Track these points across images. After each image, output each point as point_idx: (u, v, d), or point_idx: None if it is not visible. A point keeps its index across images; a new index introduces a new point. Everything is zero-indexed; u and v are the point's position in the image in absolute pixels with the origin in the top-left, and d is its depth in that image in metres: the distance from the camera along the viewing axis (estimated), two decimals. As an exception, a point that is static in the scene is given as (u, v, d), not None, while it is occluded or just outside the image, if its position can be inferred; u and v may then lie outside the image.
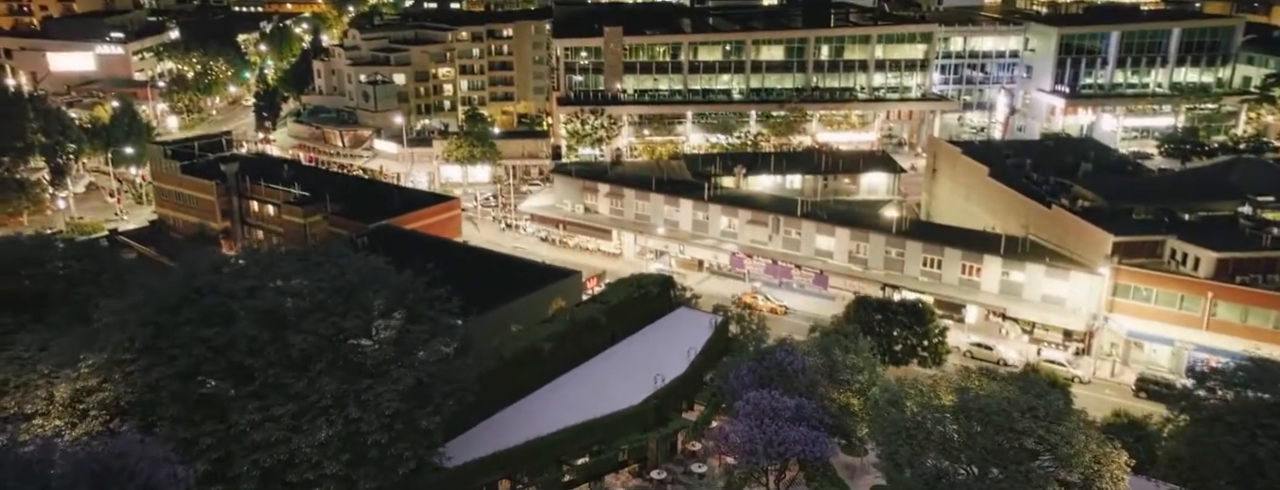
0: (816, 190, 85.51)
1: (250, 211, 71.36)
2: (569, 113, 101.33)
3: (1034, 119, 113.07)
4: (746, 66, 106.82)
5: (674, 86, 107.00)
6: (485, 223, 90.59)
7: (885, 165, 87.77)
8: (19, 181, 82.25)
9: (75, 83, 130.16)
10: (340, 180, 73.03)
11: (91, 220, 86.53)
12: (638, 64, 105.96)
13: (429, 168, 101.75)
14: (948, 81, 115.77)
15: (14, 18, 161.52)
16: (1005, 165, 76.95)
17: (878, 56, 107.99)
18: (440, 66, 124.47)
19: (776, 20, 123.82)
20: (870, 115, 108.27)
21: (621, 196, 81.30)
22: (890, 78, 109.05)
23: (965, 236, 69.68)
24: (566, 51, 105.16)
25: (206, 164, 72.95)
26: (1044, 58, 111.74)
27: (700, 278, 77.09)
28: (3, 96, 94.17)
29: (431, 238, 61.12)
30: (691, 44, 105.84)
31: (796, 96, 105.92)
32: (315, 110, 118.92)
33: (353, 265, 39.45)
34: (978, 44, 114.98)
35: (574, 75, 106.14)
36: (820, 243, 72.72)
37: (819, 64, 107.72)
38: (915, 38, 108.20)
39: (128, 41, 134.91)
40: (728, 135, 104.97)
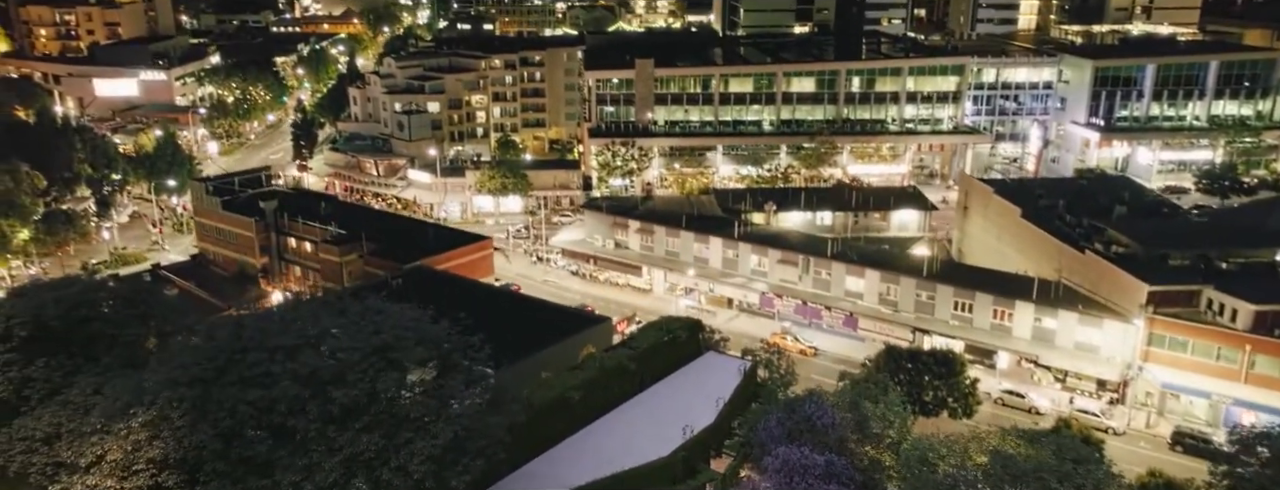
0: (847, 227, 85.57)
1: (288, 248, 72.77)
2: (600, 145, 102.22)
3: (1068, 151, 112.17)
4: (777, 98, 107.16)
5: (704, 118, 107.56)
6: (516, 255, 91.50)
7: (916, 202, 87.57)
8: (67, 213, 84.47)
9: (120, 108, 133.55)
10: (376, 218, 74.25)
11: (134, 250, 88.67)
12: (668, 95, 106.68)
13: (462, 198, 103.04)
14: (980, 112, 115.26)
15: (62, 42, 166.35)
16: (1038, 206, 76.46)
17: (909, 89, 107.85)
18: (473, 94, 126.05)
19: (807, 49, 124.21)
20: (901, 147, 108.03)
21: (652, 233, 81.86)
22: (922, 110, 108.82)
23: (996, 280, 69.31)
24: (598, 83, 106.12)
25: (246, 200, 74.55)
26: (1078, 89, 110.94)
27: (730, 315, 77.35)
28: (51, 127, 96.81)
29: (464, 280, 61.97)
30: (722, 76, 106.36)
31: (827, 129, 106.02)
32: (351, 137, 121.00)
33: (389, 321, 40.40)
34: (1011, 75, 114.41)
35: (605, 106, 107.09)
36: (850, 284, 72.68)
37: (850, 96, 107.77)
38: (947, 70, 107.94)
39: (171, 67, 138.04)
40: (758, 167, 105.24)
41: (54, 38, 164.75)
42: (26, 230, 79.90)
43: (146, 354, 46.42)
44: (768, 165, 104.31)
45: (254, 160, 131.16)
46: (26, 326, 43.59)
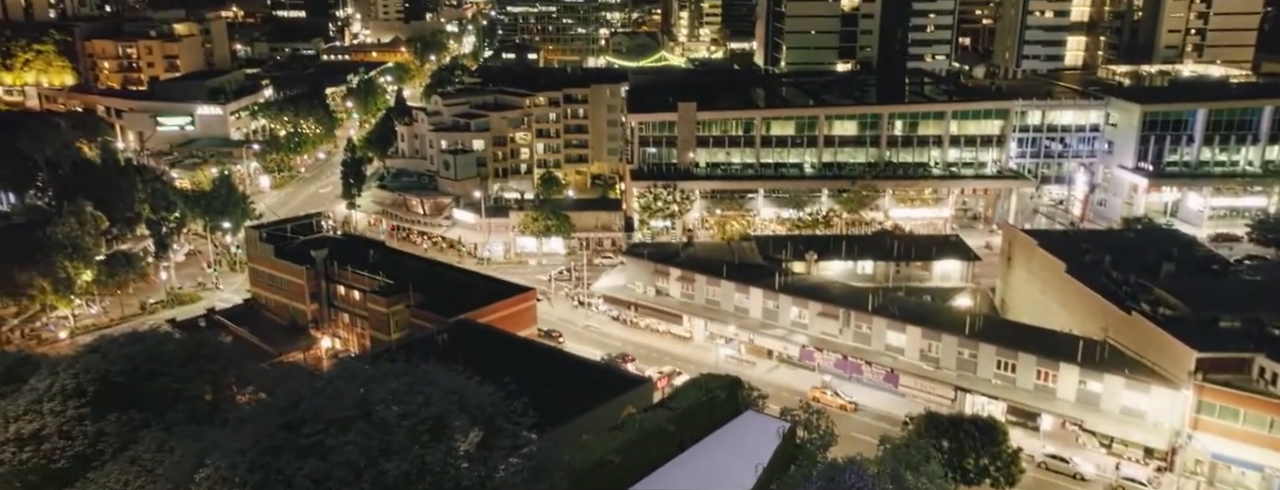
0: (888, 276, 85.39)
1: (338, 295, 74.63)
2: (642, 187, 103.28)
3: (1115, 196, 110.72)
4: (819, 141, 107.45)
5: (746, 160, 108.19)
6: (558, 298, 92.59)
7: (959, 251, 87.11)
8: (127, 255, 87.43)
9: (178, 142, 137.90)
10: (422, 267, 75.74)
11: (189, 291, 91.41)
12: (710, 138, 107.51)
13: (505, 238, 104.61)
14: (1025, 155, 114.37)
15: (124, 74, 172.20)
16: (1083, 261, 75.66)
17: (953, 132, 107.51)
18: (518, 131, 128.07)
19: (850, 89, 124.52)
20: (944, 191, 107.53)
21: (692, 281, 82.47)
22: (965, 153, 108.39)
23: (1040, 339, 68.66)
24: (640, 125, 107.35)
25: (298, 248, 76.62)
26: (1126, 133, 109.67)
27: (770, 366, 77.54)
28: (114, 166, 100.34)
29: (507, 336, 63.04)
30: (764, 119, 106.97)
31: (869, 172, 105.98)
32: (398, 174, 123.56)
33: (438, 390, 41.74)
34: (1056, 118, 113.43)
35: (648, 148, 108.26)
36: (891, 339, 72.50)
37: (892, 139, 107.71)
38: (991, 114, 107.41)
39: (226, 102, 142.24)
40: (799, 210, 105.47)
41: (116, 70, 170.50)
42: (89, 272, 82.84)
43: (207, 408, 48.51)
44: (809, 209, 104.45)
45: (304, 194, 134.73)
46: (96, 382, 45.60)
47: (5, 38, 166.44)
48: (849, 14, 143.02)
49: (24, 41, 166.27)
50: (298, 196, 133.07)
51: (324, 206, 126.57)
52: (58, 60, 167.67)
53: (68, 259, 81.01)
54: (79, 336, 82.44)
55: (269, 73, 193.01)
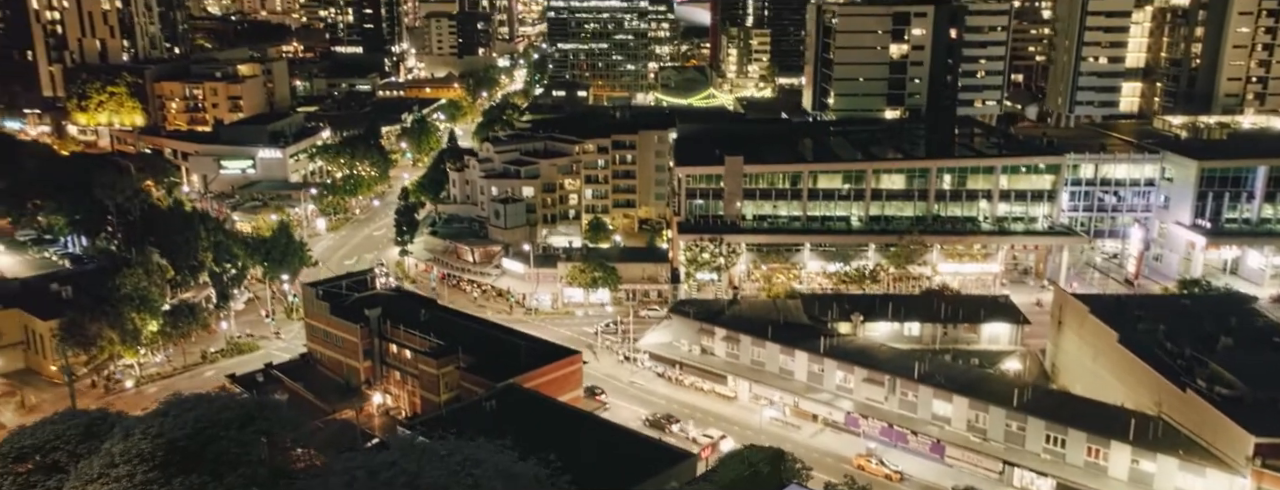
0: (936, 338, 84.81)
1: (390, 353, 76.53)
2: (689, 240, 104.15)
3: (1172, 252, 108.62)
4: (866, 194, 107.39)
5: (793, 213, 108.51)
6: (604, 352, 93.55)
7: (1008, 315, 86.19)
8: (190, 306, 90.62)
9: (240, 184, 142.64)
10: (471, 329, 77.28)
11: (249, 340, 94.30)
12: (757, 190, 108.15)
13: (553, 288, 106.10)
14: (1077, 208, 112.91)
15: (190, 114, 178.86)
16: (1136, 329, 74.44)
17: (1002, 186, 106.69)
18: (567, 178, 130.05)
19: (899, 138, 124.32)
20: (993, 246, 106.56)
21: (737, 341, 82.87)
22: (1015, 207, 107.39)
23: (1092, 413, 67.64)
24: (688, 178, 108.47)
25: (352, 305, 78.84)
26: (1182, 188, 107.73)
27: (814, 430, 77.44)
28: (180, 216, 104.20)
29: (553, 404, 64.12)
30: (811, 173, 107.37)
31: (916, 226, 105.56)
32: (450, 219, 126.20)
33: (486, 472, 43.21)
34: (1110, 171, 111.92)
35: (695, 200, 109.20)
36: (938, 408, 72.02)
37: (941, 193, 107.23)
38: (1042, 168, 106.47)
39: (286, 145, 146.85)
40: (846, 263, 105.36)
41: (183, 111, 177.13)
42: (155, 322, 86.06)
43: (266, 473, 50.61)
44: (856, 263, 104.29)
45: (359, 236, 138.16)
46: (163, 447, 47.97)
47: (82, 80, 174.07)
48: (898, 61, 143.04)
49: (99, 84, 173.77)
50: (353, 239, 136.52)
51: (378, 250, 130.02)
52: (129, 102, 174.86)
53: (136, 310, 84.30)
54: (145, 386, 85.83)
55: (326, 112, 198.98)
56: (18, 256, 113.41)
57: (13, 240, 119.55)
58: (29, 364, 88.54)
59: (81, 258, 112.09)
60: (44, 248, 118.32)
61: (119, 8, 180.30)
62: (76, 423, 59.78)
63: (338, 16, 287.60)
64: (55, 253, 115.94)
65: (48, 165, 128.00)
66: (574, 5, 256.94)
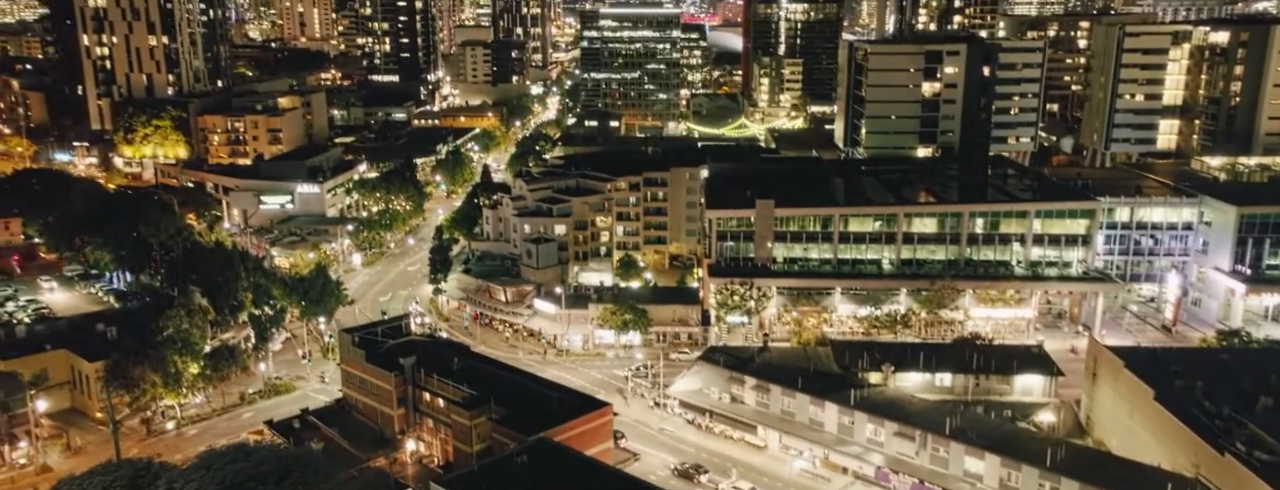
0: (968, 389, 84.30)
1: (423, 401, 77.65)
2: (720, 283, 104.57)
3: (1211, 298, 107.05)
4: (898, 238, 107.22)
5: (824, 255, 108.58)
6: (635, 397, 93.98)
7: (1041, 366, 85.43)
8: (230, 349, 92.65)
9: (278, 219, 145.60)
10: (503, 378, 78.24)
11: (286, 380, 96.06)
12: (788, 233, 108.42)
13: (584, 330, 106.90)
14: (1113, 251, 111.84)
15: (231, 146, 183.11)
16: (1173, 385, 73.45)
17: (1036, 230, 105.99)
18: (599, 215, 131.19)
19: (931, 177, 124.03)
20: (1027, 292, 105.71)
21: (768, 391, 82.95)
22: (1049, 251, 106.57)
23: (1127, 474, 66.77)
24: (719, 220, 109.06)
25: (387, 352, 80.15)
26: (1221, 233, 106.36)
27: (845, 483, 77.20)
28: (221, 256, 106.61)
29: (584, 461, 64.68)
30: (842, 216, 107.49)
31: (949, 270, 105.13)
32: (483, 257, 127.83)
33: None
34: (1146, 215, 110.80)
35: (725, 242, 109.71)
36: (969, 465, 71.50)
37: (973, 237, 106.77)
38: (1076, 213, 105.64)
39: (324, 180, 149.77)
40: (877, 307, 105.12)
41: (225, 143, 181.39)
42: (196, 365, 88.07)
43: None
44: (887, 307, 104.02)
45: (394, 271, 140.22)
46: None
47: (129, 114, 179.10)
48: (930, 99, 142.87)
49: (144, 117, 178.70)
50: (388, 274, 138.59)
51: (412, 286, 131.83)
52: (173, 135, 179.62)
53: (178, 353, 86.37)
54: (185, 428, 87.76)
55: (363, 143, 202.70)
56: (66, 292, 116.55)
57: (61, 275, 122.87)
58: (75, 404, 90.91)
59: (126, 294, 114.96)
60: (90, 282, 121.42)
61: (165, 44, 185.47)
62: (122, 474, 61.73)
63: (375, 45, 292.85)
64: (101, 288, 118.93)
65: (95, 202, 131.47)
66: (607, 36, 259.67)
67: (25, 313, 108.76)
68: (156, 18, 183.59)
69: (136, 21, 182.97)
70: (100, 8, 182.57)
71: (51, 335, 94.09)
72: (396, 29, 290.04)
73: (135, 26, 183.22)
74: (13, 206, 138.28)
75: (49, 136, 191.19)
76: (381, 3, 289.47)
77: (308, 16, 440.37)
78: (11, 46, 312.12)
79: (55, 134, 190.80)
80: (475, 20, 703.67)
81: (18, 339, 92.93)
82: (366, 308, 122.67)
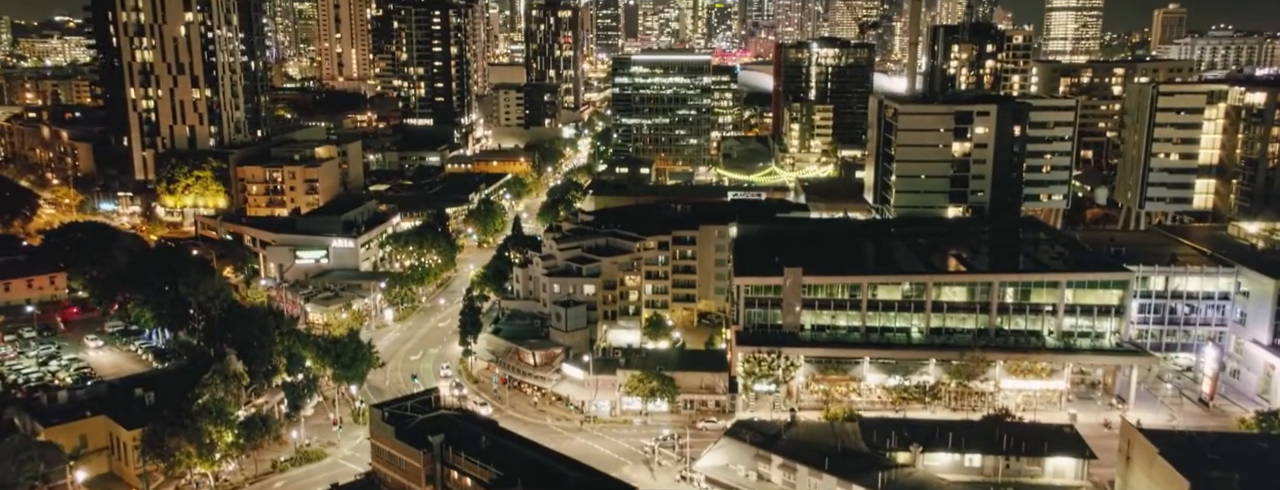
0: (997, 470, 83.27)
1: (451, 479, 78.26)
2: (747, 352, 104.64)
3: (1251, 371, 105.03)
4: (927, 306, 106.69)
5: (852, 323, 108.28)
6: (660, 469, 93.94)
7: (1073, 447, 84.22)
8: (263, 418, 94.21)
9: (313, 273, 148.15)
10: (531, 458, 78.66)
11: (316, 447, 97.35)
12: (816, 301, 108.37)
13: (612, 396, 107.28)
14: (1147, 320, 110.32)
15: (269, 196, 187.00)
16: (1209, 479, 71.97)
17: (1068, 301, 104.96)
18: (628, 274, 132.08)
19: (961, 238, 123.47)
20: (1059, 363, 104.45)
21: (794, 470, 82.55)
22: (1081, 321, 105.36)
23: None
24: (747, 287, 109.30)
25: (416, 428, 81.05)
26: (1260, 303, 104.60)
27: (872, 568, 76.36)
28: (258, 320, 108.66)
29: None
30: (871, 284, 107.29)
31: (979, 340, 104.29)
32: (512, 315, 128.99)
33: None
34: (1181, 284, 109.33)
35: (753, 308, 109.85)
36: (999, 557, 70.54)
37: (1004, 306, 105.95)
38: (1109, 284, 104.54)
39: (358, 235, 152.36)
40: (905, 377, 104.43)
41: (263, 193, 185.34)
42: (230, 434, 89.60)
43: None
44: (916, 379, 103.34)
45: (425, 327, 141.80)
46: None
47: (171, 165, 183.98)
48: (961, 159, 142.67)
49: (186, 168, 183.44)
50: (419, 329, 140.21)
51: (442, 343, 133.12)
52: (214, 185, 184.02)
53: (212, 423, 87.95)
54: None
55: (397, 192, 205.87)
56: (107, 350, 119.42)
57: (102, 332, 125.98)
58: (112, 469, 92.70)
59: (165, 352, 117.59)
60: (130, 339, 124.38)
61: (208, 96, 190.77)
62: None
63: (410, 89, 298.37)
64: (141, 345, 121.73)
65: (138, 258, 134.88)
66: (638, 82, 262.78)
67: (68, 372, 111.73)
68: (200, 72, 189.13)
69: (181, 75, 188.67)
70: (147, 62, 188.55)
71: (91, 400, 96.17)
72: (432, 73, 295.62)
73: (180, 80, 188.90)
74: (59, 260, 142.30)
75: (95, 186, 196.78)
76: (417, 47, 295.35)
77: (345, 57, 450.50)
78: (62, 91, 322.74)
79: (101, 184, 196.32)
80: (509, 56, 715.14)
81: (60, 405, 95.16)
82: (398, 366, 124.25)
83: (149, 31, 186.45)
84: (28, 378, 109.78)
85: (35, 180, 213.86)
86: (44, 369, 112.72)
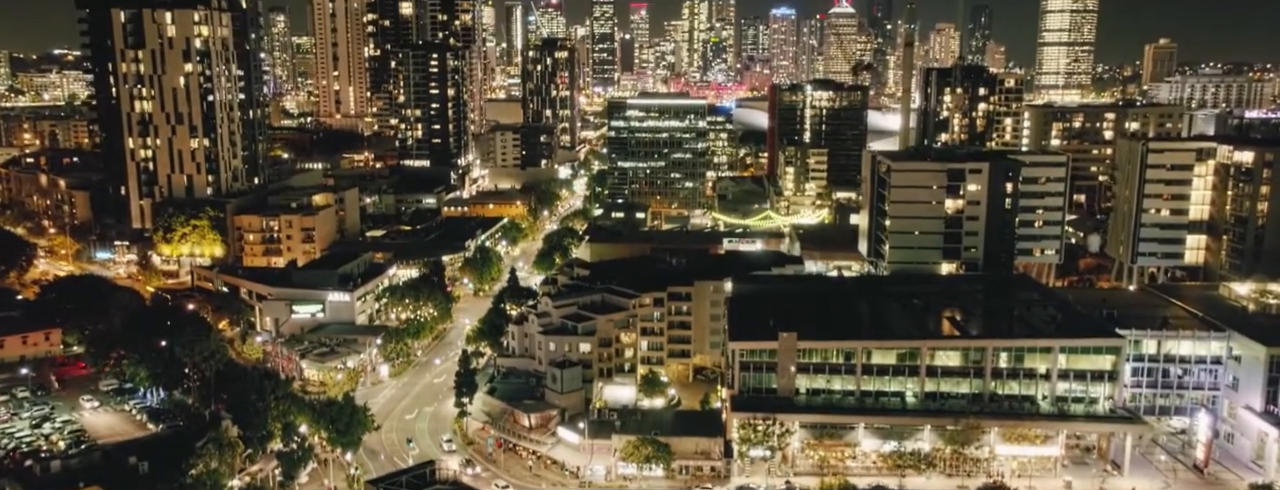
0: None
1: (445, 558, 78.13)
2: (742, 418, 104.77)
3: (1244, 436, 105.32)
4: (921, 371, 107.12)
5: (847, 387, 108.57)
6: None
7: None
8: (258, 488, 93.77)
9: (309, 327, 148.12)
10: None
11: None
12: (810, 365, 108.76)
13: (607, 461, 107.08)
14: (1140, 384, 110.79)
15: (266, 245, 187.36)
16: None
17: (1062, 366, 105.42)
18: (623, 332, 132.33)
19: (955, 296, 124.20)
20: (1053, 429, 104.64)
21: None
22: (1075, 386, 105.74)
23: None
24: (742, 352, 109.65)
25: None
26: (1252, 368, 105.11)
27: None
28: (255, 386, 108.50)
29: None
30: (865, 349, 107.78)
31: (973, 405, 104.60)
32: (508, 373, 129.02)
33: None
34: (1174, 348, 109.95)
35: (748, 372, 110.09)
36: None
37: (997, 371, 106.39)
38: (1102, 349, 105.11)
39: (355, 288, 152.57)
40: (901, 442, 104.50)
41: (259, 242, 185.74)
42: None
43: None
44: (910, 446, 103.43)
45: (421, 384, 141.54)
46: None
47: (169, 214, 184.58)
48: (954, 216, 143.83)
49: (183, 217, 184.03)
50: (414, 386, 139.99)
51: (438, 401, 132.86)
52: (210, 234, 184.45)
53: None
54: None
55: (394, 240, 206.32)
56: (102, 411, 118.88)
57: (97, 390, 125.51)
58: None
59: (160, 412, 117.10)
60: (125, 399, 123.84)
61: (206, 146, 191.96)
62: None
63: (407, 131, 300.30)
64: (135, 405, 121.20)
65: (134, 316, 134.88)
66: (634, 125, 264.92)
67: (61, 435, 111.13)
68: (199, 122, 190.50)
69: (180, 125, 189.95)
70: (146, 112, 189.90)
71: (84, 469, 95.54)
72: (429, 116, 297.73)
73: (179, 130, 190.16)
74: (54, 315, 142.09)
75: (91, 235, 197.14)
76: (415, 90, 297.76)
77: (343, 94, 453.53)
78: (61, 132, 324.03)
79: (97, 232, 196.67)
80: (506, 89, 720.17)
81: (52, 474, 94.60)
82: (393, 426, 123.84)
83: (148, 82, 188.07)
84: (20, 442, 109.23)
85: (31, 228, 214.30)
86: (37, 432, 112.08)
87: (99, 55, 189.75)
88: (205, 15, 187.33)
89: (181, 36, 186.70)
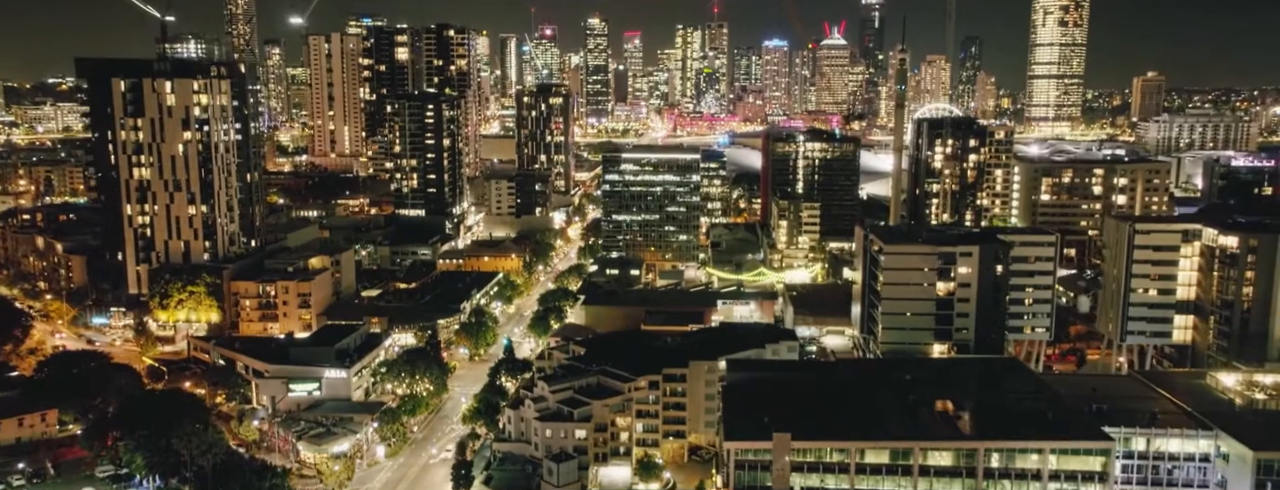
0: None
1: None
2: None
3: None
4: (914, 470, 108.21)
5: (841, 486, 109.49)
6: None
7: None
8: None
9: (305, 404, 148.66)
10: None
11: None
12: (805, 464, 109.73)
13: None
14: (1130, 480, 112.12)
15: (262, 311, 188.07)
16: None
17: (1052, 467, 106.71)
18: (619, 416, 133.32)
19: (947, 383, 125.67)
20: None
21: None
22: (1066, 487, 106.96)
23: None
24: (737, 451, 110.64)
25: None
26: (1240, 469, 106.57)
27: None
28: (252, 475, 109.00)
29: None
30: (859, 449, 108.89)
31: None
32: (505, 459, 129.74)
33: None
34: (1162, 445, 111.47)
35: (743, 471, 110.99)
36: None
37: (989, 471, 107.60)
38: (1092, 451, 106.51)
39: (350, 364, 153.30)
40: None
41: (256, 308, 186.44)
42: None
43: None
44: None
45: (418, 464, 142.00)
46: None
47: (165, 280, 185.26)
48: (945, 297, 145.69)
49: (180, 283, 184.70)
50: (411, 468, 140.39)
51: (435, 487, 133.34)
52: (207, 300, 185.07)
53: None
54: None
55: (389, 301, 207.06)
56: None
57: (92, 477, 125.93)
58: None
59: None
60: (123, 486, 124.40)
61: (204, 212, 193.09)
62: None
63: (402, 180, 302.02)
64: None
65: (131, 401, 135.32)
66: (628, 179, 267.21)
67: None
68: (197, 189, 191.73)
69: (178, 192, 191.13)
70: (144, 179, 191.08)
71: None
72: (424, 165, 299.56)
73: (176, 197, 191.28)
74: (52, 394, 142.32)
75: (87, 300, 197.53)
76: (410, 139, 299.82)
77: (339, 134, 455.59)
78: (56, 178, 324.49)
79: (93, 298, 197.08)
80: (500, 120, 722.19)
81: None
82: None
83: (147, 149, 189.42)
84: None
85: (27, 290, 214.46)
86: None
87: (99, 123, 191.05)
88: (204, 84, 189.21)
89: (181, 105, 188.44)
